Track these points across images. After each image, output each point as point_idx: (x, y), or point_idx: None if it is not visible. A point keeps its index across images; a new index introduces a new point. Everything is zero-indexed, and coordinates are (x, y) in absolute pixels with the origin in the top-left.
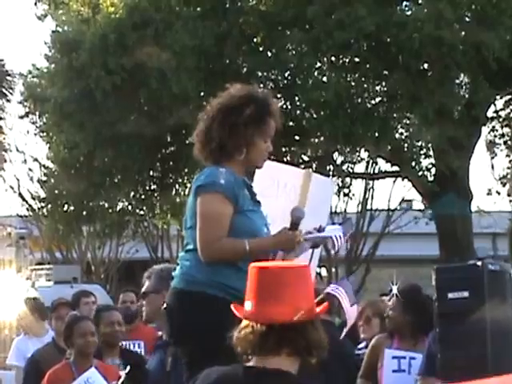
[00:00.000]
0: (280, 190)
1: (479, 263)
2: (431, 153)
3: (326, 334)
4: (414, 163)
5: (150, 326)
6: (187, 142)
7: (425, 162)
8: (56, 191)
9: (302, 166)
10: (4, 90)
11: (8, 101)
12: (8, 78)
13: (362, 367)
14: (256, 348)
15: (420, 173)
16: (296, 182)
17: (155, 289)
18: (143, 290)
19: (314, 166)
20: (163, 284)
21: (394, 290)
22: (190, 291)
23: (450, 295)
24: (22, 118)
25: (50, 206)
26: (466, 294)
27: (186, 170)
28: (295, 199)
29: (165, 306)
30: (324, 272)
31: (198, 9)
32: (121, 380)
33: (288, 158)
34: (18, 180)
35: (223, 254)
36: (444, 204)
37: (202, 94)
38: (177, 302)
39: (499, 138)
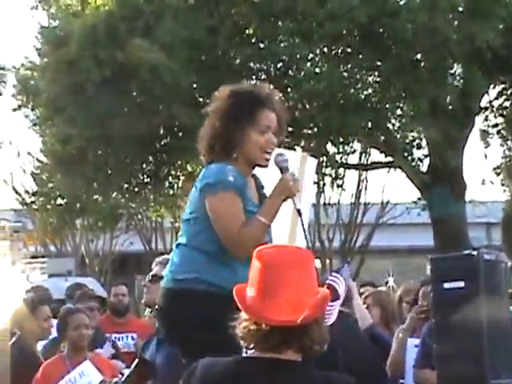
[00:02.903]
0: (277, 173)
1: (475, 253)
2: (424, 143)
3: (345, 326)
4: (406, 154)
5: (142, 318)
6: (180, 134)
7: (418, 153)
8: (49, 185)
9: None
10: None
11: (0, 94)
12: (0, 71)
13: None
14: (260, 344)
15: (413, 163)
16: (294, 164)
17: None
18: (154, 272)
19: None
20: None
21: (391, 281)
22: (179, 289)
23: (446, 285)
24: (14, 110)
25: (42, 199)
26: (461, 283)
27: (179, 163)
28: None
29: (156, 307)
30: (318, 264)
31: (189, 1)
32: (126, 374)
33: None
34: (11, 174)
35: (248, 242)
36: (438, 195)
37: (194, 85)
38: (167, 302)
39: (492, 128)
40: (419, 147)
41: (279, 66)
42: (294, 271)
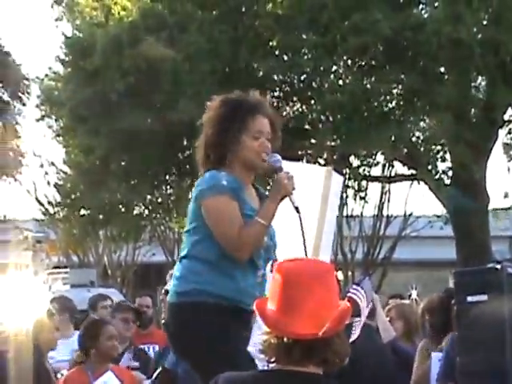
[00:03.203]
0: (302, 188)
1: (498, 266)
2: (448, 156)
3: (367, 338)
4: (430, 167)
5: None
6: None
7: (442, 166)
8: (72, 195)
9: None
10: (20, 94)
11: (24, 105)
12: (25, 81)
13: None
14: (281, 358)
15: (437, 176)
16: (318, 179)
17: None
18: (167, 286)
19: None
20: None
21: (414, 294)
22: (179, 303)
23: (469, 298)
24: (38, 121)
25: (65, 210)
26: (484, 297)
27: None
28: (317, 196)
29: (163, 322)
30: (340, 276)
31: (214, 12)
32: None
33: (304, 161)
34: (34, 184)
35: (248, 243)
36: (459, 201)
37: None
38: (169, 317)
39: None
40: (443, 160)
41: (303, 78)
42: (315, 284)
